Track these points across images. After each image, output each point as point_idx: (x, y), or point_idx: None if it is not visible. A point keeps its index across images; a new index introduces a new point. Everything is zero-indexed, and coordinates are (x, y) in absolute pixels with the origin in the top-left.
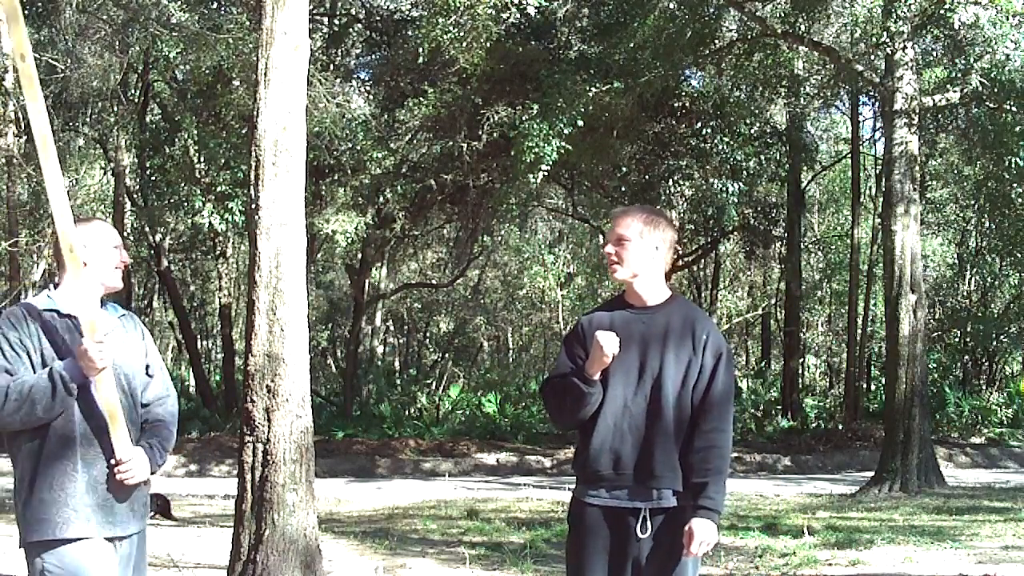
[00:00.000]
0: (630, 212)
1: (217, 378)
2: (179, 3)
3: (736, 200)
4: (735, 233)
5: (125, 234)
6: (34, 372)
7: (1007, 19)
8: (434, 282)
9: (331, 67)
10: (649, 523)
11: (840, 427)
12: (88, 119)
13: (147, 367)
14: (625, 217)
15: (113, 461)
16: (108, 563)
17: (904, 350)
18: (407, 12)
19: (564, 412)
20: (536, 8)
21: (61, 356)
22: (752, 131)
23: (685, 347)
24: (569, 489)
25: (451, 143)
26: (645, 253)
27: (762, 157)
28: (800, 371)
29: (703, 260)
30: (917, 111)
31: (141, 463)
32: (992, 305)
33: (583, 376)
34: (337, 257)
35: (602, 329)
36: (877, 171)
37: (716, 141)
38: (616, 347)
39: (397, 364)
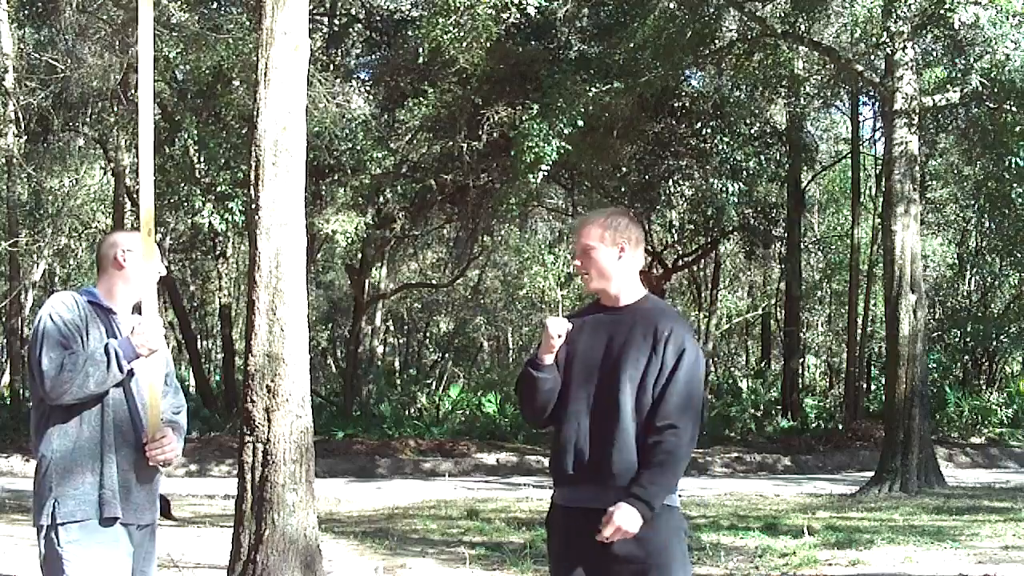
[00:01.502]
0: (589, 220)
1: (217, 378)
2: (179, 3)
3: (736, 200)
4: (735, 233)
5: None
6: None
7: (1007, 19)
8: (434, 282)
9: (331, 67)
10: None
11: (840, 427)
12: (88, 119)
13: (166, 376)
14: (585, 226)
15: (147, 439)
16: (127, 548)
17: (904, 350)
18: (407, 12)
19: (523, 403)
20: (536, 8)
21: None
22: (752, 131)
23: (646, 344)
24: None
25: (451, 143)
26: (612, 257)
27: (762, 157)
28: (800, 371)
29: (703, 260)
30: (917, 111)
31: (172, 443)
32: (992, 305)
33: (534, 362)
34: (337, 257)
35: (572, 326)
36: (877, 171)
37: (716, 141)
38: (562, 328)
39: (397, 364)
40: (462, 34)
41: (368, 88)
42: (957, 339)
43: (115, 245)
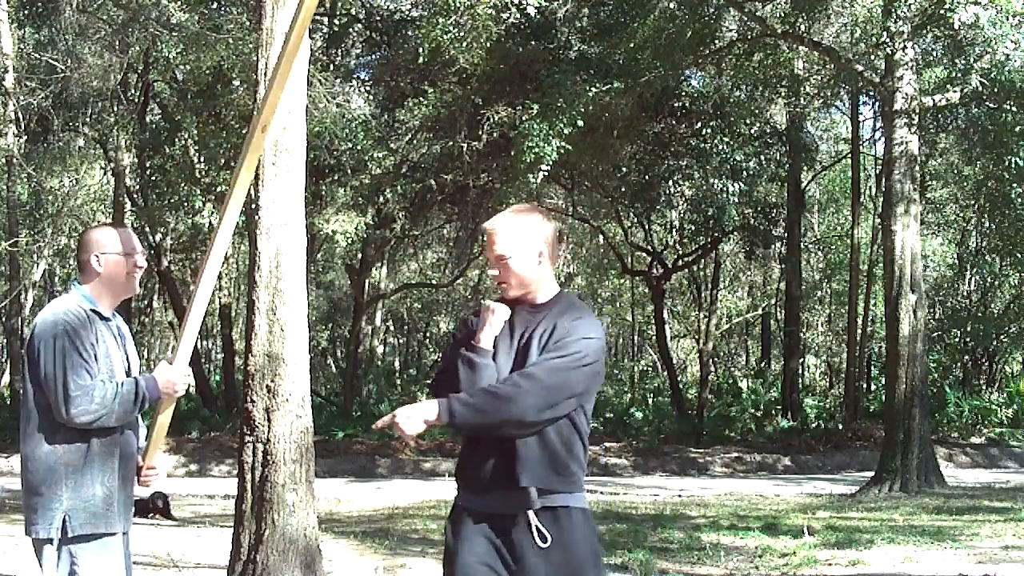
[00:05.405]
0: (499, 227)
1: (217, 378)
2: (179, 3)
3: (736, 200)
4: (735, 233)
5: None
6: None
7: (1007, 19)
8: (434, 282)
9: (331, 67)
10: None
11: (840, 427)
12: (88, 119)
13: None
14: (496, 233)
15: (144, 464)
16: (125, 556)
17: (904, 350)
18: (407, 12)
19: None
20: (536, 8)
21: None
22: (752, 131)
23: (552, 343)
24: None
25: (451, 143)
26: (530, 263)
27: (762, 157)
28: (800, 371)
29: (703, 260)
30: (917, 111)
31: (163, 470)
32: (992, 305)
33: (471, 346)
34: (337, 257)
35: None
36: (877, 171)
37: (716, 141)
38: (507, 313)
39: (397, 364)
40: (462, 34)
41: (368, 88)
42: (957, 339)
43: (89, 249)
